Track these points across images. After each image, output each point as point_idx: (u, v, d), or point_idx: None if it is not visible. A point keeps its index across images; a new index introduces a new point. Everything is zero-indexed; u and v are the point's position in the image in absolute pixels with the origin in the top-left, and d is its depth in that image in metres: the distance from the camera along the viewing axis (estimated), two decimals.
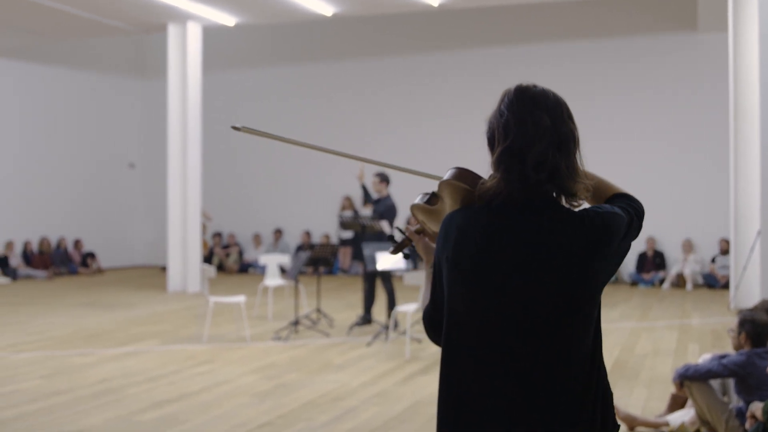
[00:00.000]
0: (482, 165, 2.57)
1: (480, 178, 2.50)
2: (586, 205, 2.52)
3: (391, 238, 2.95)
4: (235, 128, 2.82)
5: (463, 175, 2.53)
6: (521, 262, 2.35)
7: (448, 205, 2.58)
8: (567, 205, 2.42)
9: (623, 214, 2.44)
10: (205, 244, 21.46)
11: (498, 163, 2.40)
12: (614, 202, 2.55)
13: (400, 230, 2.93)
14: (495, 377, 2.37)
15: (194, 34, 17.85)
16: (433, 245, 2.76)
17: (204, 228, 20.67)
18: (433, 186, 2.73)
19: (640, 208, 2.56)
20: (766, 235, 12.87)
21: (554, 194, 2.40)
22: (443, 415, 2.48)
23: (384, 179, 12.51)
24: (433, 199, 2.66)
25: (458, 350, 2.44)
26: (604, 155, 19.37)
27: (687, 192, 18.84)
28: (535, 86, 2.46)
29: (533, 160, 2.35)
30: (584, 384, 2.37)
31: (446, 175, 2.56)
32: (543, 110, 2.40)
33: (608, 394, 2.47)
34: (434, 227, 2.68)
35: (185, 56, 17.73)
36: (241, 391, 8.44)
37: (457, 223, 2.46)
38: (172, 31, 17.84)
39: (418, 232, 2.83)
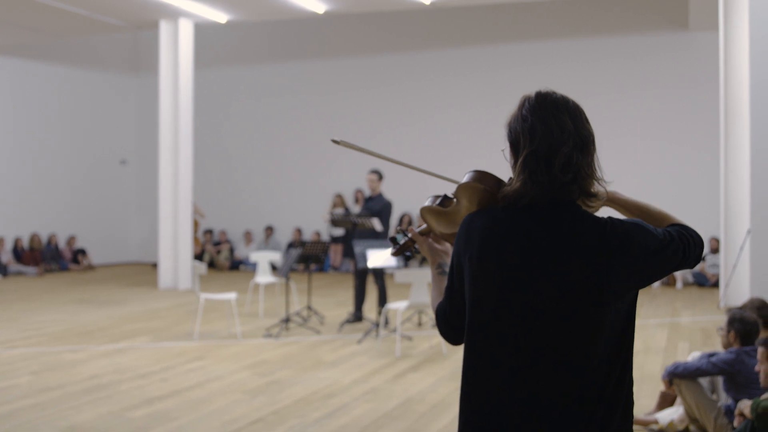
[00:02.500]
0: (476, 160, 2.59)
1: (500, 180, 2.56)
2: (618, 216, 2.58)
3: (393, 240, 2.96)
4: (334, 141, 2.95)
5: (483, 177, 2.57)
6: (547, 263, 2.41)
7: (464, 207, 2.62)
8: (584, 205, 2.49)
9: (658, 232, 2.49)
10: (197, 241, 21.44)
11: (524, 166, 2.45)
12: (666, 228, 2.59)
13: (404, 232, 2.94)
14: (518, 377, 2.43)
15: (186, 31, 17.84)
16: (438, 246, 2.83)
17: (196, 225, 20.66)
18: (438, 187, 2.76)
19: (690, 237, 2.56)
20: (756, 234, 12.92)
21: (574, 197, 2.47)
22: (466, 418, 2.54)
23: (381, 177, 12.55)
24: (446, 201, 2.70)
25: (482, 351, 2.50)
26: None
27: (677, 191, 18.87)
28: (554, 92, 2.52)
29: (560, 162, 2.42)
30: (599, 390, 2.42)
31: (465, 177, 2.61)
32: (565, 114, 2.46)
33: (629, 404, 2.51)
34: (444, 229, 2.73)
35: (177, 53, 17.71)
36: (233, 387, 8.46)
37: (480, 224, 2.51)
38: (164, 27, 17.83)
39: (423, 233, 2.86)
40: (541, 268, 2.41)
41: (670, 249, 2.48)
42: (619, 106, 19.43)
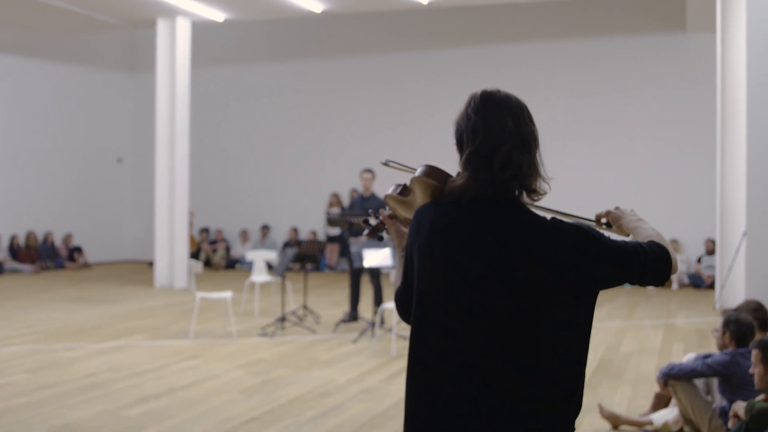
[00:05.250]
0: None
1: (448, 175, 2.67)
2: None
3: (366, 222, 3.11)
4: (384, 164, 3.12)
5: (432, 172, 2.71)
6: (486, 257, 2.47)
7: (418, 199, 2.75)
8: (528, 200, 2.56)
9: (610, 240, 2.51)
10: (193, 240, 21.41)
11: (467, 163, 2.55)
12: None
13: (375, 215, 3.09)
14: (467, 373, 2.48)
15: (183, 30, 17.83)
16: (404, 230, 2.92)
17: (190, 224, 20.64)
18: (405, 179, 2.89)
19: (651, 251, 2.54)
20: (752, 236, 12.92)
21: (516, 192, 2.54)
22: (413, 413, 2.59)
23: (375, 176, 12.57)
24: (405, 191, 2.83)
25: (430, 346, 2.56)
26: (591, 155, 19.45)
27: (673, 192, 18.90)
28: (498, 91, 2.60)
29: (499, 160, 2.49)
30: (550, 389, 2.47)
31: (417, 171, 2.74)
32: (507, 114, 2.54)
33: (579, 406, 2.55)
34: (406, 214, 2.85)
35: (174, 51, 17.71)
36: (229, 386, 8.46)
37: (429, 216, 2.61)
38: (161, 26, 17.82)
39: (391, 217, 2.98)
40: (485, 265, 2.47)
41: (622, 258, 2.49)
42: (616, 107, 19.46)
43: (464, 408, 2.46)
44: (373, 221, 3.08)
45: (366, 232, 3.10)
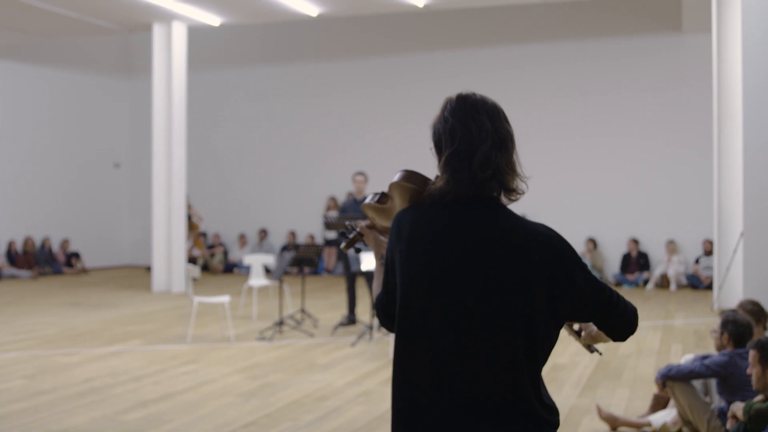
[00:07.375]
0: None
1: (427, 179, 2.70)
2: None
3: (343, 234, 3.13)
4: None
5: (411, 176, 2.74)
6: (469, 257, 2.50)
7: (397, 204, 2.78)
8: (506, 200, 2.60)
9: (589, 268, 2.55)
10: (199, 243, 21.33)
11: (446, 165, 2.58)
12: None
13: (353, 226, 3.11)
14: (438, 366, 2.51)
15: (179, 34, 17.82)
16: (383, 239, 2.97)
17: (196, 227, 20.63)
18: (383, 186, 2.90)
19: (624, 303, 2.59)
20: (749, 237, 12.93)
21: (495, 192, 2.57)
22: (399, 416, 2.60)
23: (367, 179, 12.59)
24: (383, 198, 2.88)
25: (414, 350, 2.57)
26: (588, 155, 19.45)
27: (671, 193, 18.90)
28: (474, 94, 2.63)
29: (479, 160, 2.52)
30: (532, 390, 2.49)
31: (395, 177, 2.76)
32: (484, 115, 2.57)
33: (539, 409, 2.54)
34: (384, 223, 2.90)
35: (170, 56, 17.70)
36: (226, 390, 8.45)
37: (409, 220, 2.64)
38: (157, 30, 17.81)
39: (369, 227, 3.01)
40: (468, 266, 2.49)
41: (598, 283, 2.53)
42: (613, 108, 19.45)
43: (447, 408, 2.48)
44: (350, 233, 3.10)
45: (343, 245, 3.11)
